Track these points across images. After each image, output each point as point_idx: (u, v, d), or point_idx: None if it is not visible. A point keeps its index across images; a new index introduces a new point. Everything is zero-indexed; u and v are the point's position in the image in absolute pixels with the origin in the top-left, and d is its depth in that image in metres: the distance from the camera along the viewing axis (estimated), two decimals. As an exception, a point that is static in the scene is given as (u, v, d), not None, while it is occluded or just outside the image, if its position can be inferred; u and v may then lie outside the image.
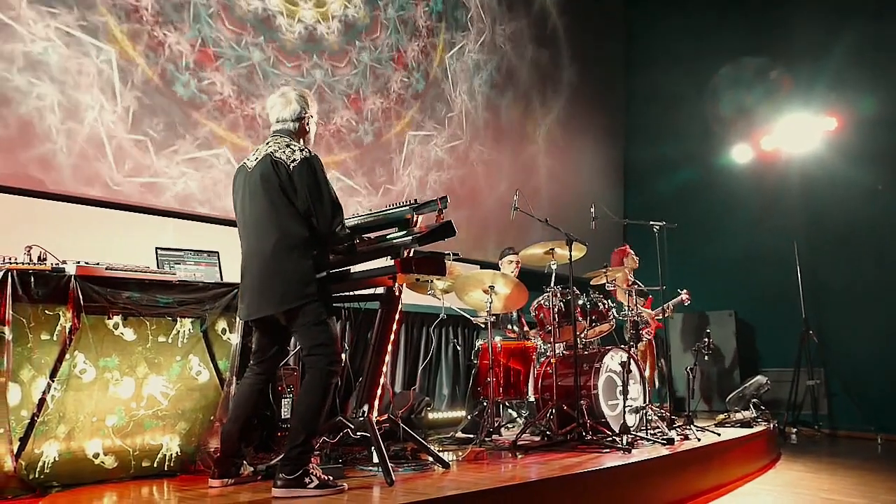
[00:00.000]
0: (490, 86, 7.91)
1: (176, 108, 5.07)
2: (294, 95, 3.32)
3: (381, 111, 6.55)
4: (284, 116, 3.29)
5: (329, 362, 3.05)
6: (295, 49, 5.85)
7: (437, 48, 7.25)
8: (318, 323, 3.05)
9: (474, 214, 7.42)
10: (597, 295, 5.31)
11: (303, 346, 3.12)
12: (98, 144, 4.65)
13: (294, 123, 3.29)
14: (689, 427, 4.95)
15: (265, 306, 3.10)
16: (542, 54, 8.76)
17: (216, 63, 5.31)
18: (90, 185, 4.60)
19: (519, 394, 5.11)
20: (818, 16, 8.29)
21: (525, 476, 3.42)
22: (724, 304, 8.42)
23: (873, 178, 7.70)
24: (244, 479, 3.23)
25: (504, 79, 8.13)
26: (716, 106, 8.96)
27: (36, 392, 3.08)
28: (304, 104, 3.31)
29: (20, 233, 3.65)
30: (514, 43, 8.30)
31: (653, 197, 9.42)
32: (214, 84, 5.29)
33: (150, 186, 4.90)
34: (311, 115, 3.35)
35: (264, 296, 3.08)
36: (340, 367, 3.14)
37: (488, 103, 7.87)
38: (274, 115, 3.32)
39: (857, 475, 5.01)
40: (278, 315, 3.11)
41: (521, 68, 8.42)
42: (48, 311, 3.12)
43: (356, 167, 6.28)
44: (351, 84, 6.27)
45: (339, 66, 6.19)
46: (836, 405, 7.78)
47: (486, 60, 7.88)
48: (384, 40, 6.62)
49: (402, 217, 3.46)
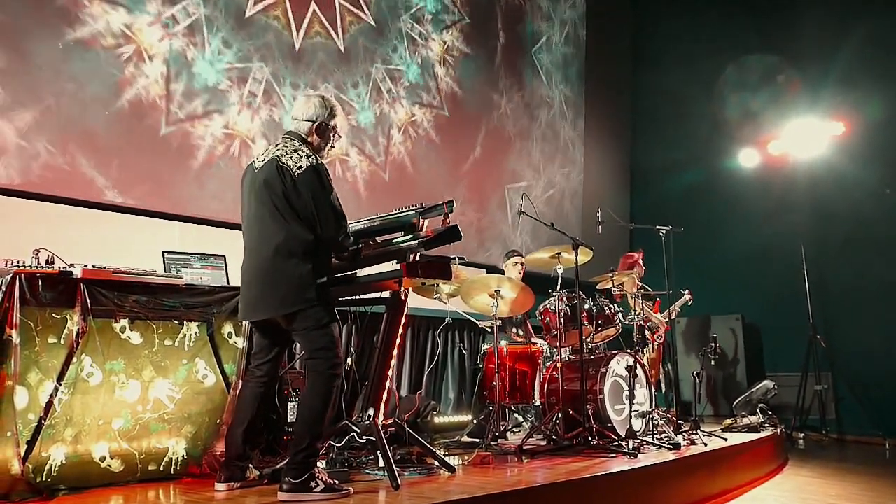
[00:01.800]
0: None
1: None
2: (316, 99, 3.28)
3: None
4: (298, 115, 3.27)
5: (330, 366, 3.05)
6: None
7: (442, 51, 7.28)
8: (318, 327, 3.05)
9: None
10: (603, 299, 5.30)
11: (304, 350, 3.14)
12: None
13: (306, 124, 3.24)
14: (695, 432, 4.94)
15: (264, 309, 3.11)
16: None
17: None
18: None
19: (525, 398, 5.11)
20: (825, 19, 8.27)
21: (531, 480, 3.42)
22: (731, 308, 8.39)
23: (881, 181, 7.68)
24: (250, 483, 3.22)
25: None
26: (723, 109, 8.94)
27: (43, 395, 3.08)
28: (324, 110, 3.25)
29: (28, 236, 3.66)
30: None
31: (659, 200, 9.40)
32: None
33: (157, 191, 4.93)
34: (331, 124, 3.27)
35: (264, 298, 3.09)
36: (342, 370, 3.14)
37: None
38: (293, 113, 3.31)
39: (865, 480, 4.99)
40: (278, 318, 3.12)
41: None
42: (55, 315, 3.12)
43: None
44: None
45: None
46: (843, 410, 7.73)
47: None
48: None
49: (409, 221, 3.46)
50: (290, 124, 3.31)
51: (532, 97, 8.49)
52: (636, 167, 10.22)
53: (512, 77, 8.18)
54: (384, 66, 6.56)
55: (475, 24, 7.68)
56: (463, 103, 7.45)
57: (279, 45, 5.70)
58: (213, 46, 5.29)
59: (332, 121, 3.27)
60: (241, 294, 3.25)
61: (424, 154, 6.91)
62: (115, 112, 4.73)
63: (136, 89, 4.85)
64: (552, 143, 8.72)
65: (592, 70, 9.46)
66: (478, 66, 7.71)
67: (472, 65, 7.62)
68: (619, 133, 10.14)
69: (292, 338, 3.25)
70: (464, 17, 7.55)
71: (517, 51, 8.33)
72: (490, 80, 7.88)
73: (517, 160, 8.16)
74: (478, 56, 7.72)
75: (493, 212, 7.65)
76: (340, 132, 3.34)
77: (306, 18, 5.92)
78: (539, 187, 8.38)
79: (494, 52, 7.97)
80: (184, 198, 5.06)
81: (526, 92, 8.39)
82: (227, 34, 5.37)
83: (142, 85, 4.87)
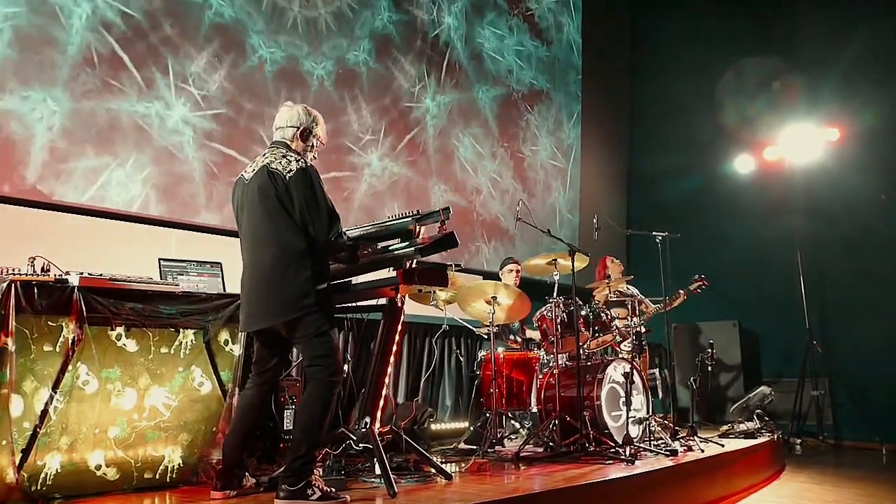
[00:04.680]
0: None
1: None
2: (300, 108, 3.35)
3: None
4: (282, 124, 3.32)
5: (330, 373, 3.05)
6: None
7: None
8: (318, 334, 3.06)
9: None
10: (599, 305, 5.30)
11: (304, 357, 3.14)
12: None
13: (290, 130, 3.29)
14: (692, 438, 4.93)
15: (265, 318, 3.11)
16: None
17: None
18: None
19: (522, 405, 5.10)
20: (822, 27, 8.30)
21: (528, 488, 3.41)
22: (727, 314, 8.39)
23: (877, 188, 7.69)
24: (247, 491, 3.21)
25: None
26: (720, 115, 8.97)
27: (38, 403, 3.07)
28: (308, 117, 3.32)
29: (24, 244, 3.66)
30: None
31: (656, 205, 9.41)
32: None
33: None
34: (314, 131, 3.33)
35: (264, 307, 3.09)
36: (342, 377, 3.15)
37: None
38: (276, 123, 3.35)
39: (861, 486, 4.99)
40: (278, 326, 3.11)
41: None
42: (51, 323, 3.12)
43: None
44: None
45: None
46: (840, 415, 7.73)
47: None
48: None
49: (405, 228, 3.46)
50: (275, 135, 3.35)
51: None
52: (633, 173, 10.23)
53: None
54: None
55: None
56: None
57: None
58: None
59: (315, 128, 3.34)
60: (241, 305, 3.25)
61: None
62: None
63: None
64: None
65: (590, 75, 9.48)
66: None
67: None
68: (616, 138, 10.16)
69: (292, 346, 3.25)
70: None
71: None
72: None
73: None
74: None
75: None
76: (322, 140, 3.41)
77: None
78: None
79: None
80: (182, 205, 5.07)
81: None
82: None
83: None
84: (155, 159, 4.97)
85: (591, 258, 5.14)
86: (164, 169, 5.00)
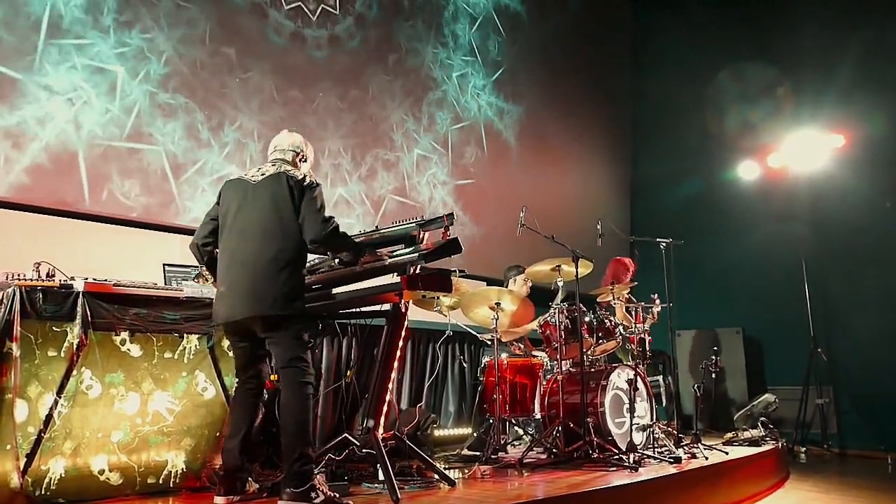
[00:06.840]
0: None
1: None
2: (298, 135, 3.56)
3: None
4: (284, 146, 3.49)
5: (303, 375, 3.15)
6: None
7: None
8: (297, 338, 3.17)
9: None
10: (603, 312, 5.30)
11: (278, 358, 3.19)
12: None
13: (291, 152, 3.47)
14: (696, 445, 4.92)
15: (254, 307, 3.12)
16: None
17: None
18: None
19: (525, 411, 5.09)
20: (825, 32, 8.29)
21: (531, 494, 3.40)
22: (731, 322, 8.37)
23: (882, 194, 7.67)
24: (250, 496, 3.22)
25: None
26: (723, 121, 8.97)
27: (43, 408, 3.08)
28: (305, 145, 3.53)
29: (29, 249, 3.67)
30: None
31: (659, 212, 9.39)
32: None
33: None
34: (306, 157, 3.53)
35: (256, 298, 3.12)
36: (313, 378, 3.22)
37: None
38: (277, 145, 3.49)
39: (867, 495, 4.96)
40: (257, 322, 3.14)
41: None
42: (56, 328, 3.13)
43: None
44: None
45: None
46: (845, 424, 7.69)
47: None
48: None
49: (409, 234, 3.48)
50: (275, 153, 3.48)
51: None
52: (636, 179, 10.23)
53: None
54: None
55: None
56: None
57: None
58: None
59: (310, 155, 3.57)
60: (219, 297, 3.25)
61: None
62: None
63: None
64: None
65: (591, 81, 9.50)
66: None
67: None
68: (618, 145, 10.16)
69: (266, 346, 3.25)
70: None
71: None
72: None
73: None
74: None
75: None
76: (311, 167, 3.61)
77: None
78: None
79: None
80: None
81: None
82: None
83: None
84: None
85: (594, 264, 5.13)
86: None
